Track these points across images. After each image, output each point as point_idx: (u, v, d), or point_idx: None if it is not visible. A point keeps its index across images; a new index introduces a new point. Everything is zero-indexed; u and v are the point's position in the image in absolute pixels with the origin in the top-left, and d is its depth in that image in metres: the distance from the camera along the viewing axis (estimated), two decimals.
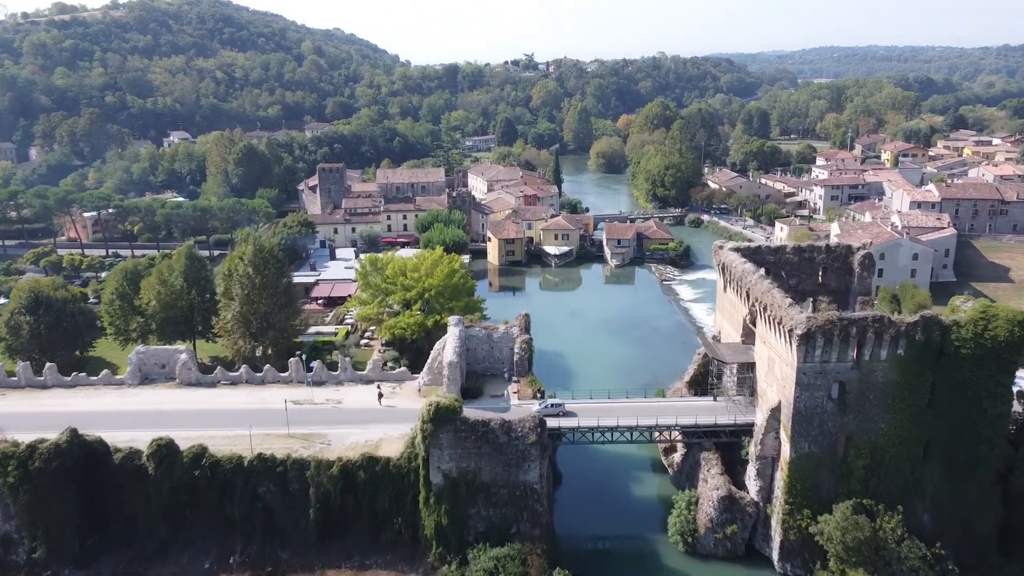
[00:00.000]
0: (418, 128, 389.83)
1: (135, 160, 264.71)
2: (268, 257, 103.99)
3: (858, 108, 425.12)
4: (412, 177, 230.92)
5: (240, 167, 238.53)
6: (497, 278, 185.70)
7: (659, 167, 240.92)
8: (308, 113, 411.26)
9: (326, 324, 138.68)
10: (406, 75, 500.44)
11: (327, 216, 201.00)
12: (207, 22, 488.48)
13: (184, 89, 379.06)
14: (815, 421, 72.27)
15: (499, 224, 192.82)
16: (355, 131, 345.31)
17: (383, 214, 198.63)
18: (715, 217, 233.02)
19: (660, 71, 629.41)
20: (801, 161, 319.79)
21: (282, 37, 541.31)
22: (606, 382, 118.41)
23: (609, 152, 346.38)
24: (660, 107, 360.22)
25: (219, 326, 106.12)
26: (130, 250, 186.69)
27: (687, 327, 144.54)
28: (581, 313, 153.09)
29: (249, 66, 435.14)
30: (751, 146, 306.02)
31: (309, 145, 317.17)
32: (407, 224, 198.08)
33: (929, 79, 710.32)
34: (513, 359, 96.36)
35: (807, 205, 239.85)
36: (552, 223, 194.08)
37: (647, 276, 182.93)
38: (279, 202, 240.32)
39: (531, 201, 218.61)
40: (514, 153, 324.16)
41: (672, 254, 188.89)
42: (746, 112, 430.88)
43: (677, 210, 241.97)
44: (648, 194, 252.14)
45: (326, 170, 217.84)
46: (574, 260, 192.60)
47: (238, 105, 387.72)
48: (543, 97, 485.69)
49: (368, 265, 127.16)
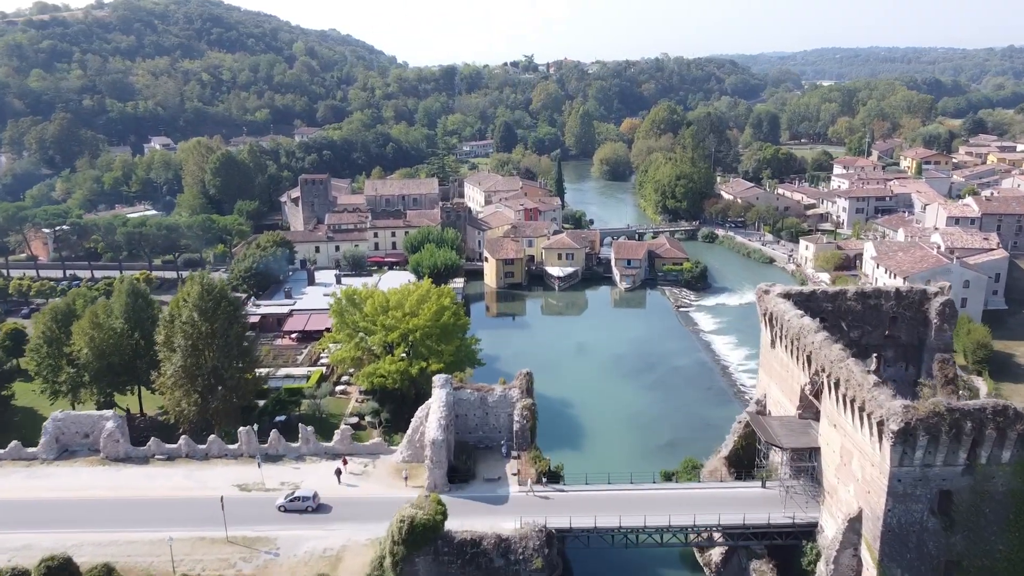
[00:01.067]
0: (413, 133, 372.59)
1: (107, 169, 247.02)
2: (218, 299, 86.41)
3: (871, 112, 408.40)
4: (403, 189, 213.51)
5: (217, 177, 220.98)
6: (495, 303, 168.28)
7: (669, 177, 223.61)
8: (298, 117, 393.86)
9: (298, 364, 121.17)
10: (401, 77, 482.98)
11: (309, 233, 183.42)
12: (195, 22, 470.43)
13: (167, 92, 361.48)
14: (911, 541, 54.74)
15: (497, 243, 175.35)
16: (346, 137, 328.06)
17: (369, 231, 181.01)
18: (731, 232, 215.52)
19: (663, 73, 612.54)
20: (817, 168, 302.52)
21: (273, 38, 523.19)
22: (622, 444, 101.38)
23: (613, 159, 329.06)
24: (667, 111, 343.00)
25: (159, 382, 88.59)
26: (90, 271, 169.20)
27: (711, 367, 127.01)
28: (589, 348, 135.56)
29: (237, 68, 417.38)
30: (764, 153, 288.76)
31: (296, 152, 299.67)
32: (396, 242, 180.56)
33: (937, 81, 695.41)
34: (512, 428, 78.94)
35: (829, 218, 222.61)
36: (555, 241, 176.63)
37: (660, 301, 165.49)
38: (260, 215, 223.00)
39: (532, 215, 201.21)
40: (513, 160, 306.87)
41: (687, 276, 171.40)
42: (755, 116, 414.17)
43: (689, 224, 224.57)
44: (657, 206, 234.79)
45: (309, 182, 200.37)
46: (579, 282, 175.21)
47: (224, 109, 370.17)
48: (543, 100, 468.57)
49: (344, 299, 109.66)
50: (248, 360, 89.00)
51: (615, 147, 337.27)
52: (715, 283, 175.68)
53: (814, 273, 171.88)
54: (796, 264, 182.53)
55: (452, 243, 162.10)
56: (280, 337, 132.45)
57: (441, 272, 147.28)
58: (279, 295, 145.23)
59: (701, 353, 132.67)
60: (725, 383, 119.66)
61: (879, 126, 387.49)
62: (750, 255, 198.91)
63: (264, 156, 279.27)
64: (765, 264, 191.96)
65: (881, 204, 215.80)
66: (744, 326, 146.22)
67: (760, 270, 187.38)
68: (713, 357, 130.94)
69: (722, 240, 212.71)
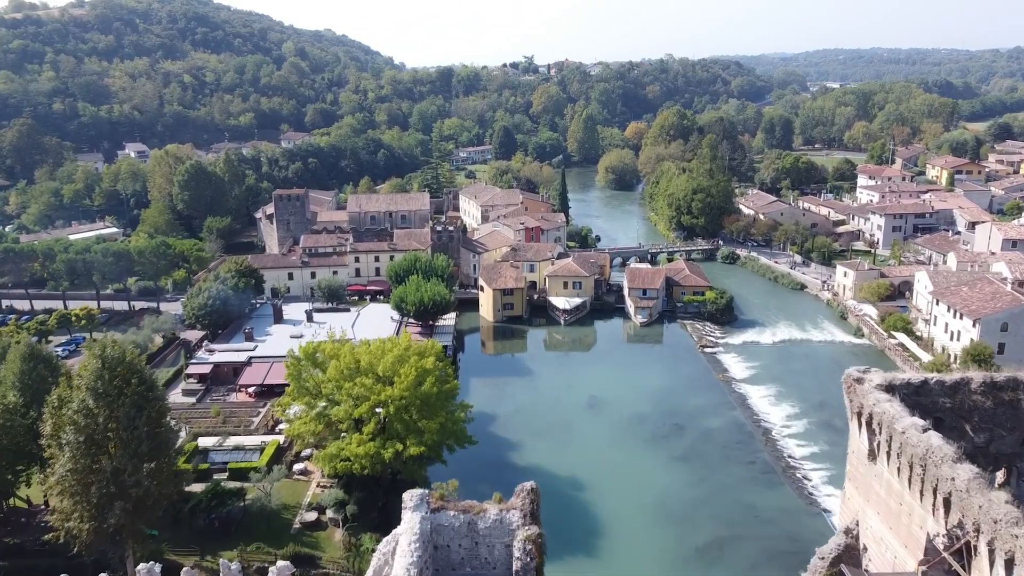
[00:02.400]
0: (406, 138, 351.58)
1: (69, 181, 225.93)
2: (124, 377, 65.28)
3: (890, 116, 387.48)
4: (391, 204, 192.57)
5: (186, 191, 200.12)
6: (492, 339, 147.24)
7: (685, 191, 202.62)
8: (286, 121, 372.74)
9: (252, 431, 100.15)
10: (396, 79, 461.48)
11: (280, 257, 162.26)
12: (179, 21, 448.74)
13: (145, 95, 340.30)
14: None
15: (494, 269, 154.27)
16: (335, 143, 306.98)
17: (350, 255, 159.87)
18: (753, 252, 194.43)
19: (668, 74, 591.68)
20: (839, 178, 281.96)
21: (262, 38, 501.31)
22: (651, 544, 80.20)
23: (619, 167, 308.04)
24: (676, 116, 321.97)
25: (45, 488, 67.56)
26: (28, 301, 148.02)
27: (750, 430, 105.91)
28: (602, 403, 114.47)
29: (222, 69, 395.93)
30: (784, 162, 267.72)
31: (280, 159, 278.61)
32: (380, 268, 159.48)
33: (948, 83, 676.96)
34: (511, 565, 57.83)
35: (862, 236, 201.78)
36: (561, 267, 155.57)
37: (681, 337, 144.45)
38: (232, 233, 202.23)
39: (533, 235, 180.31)
40: (512, 169, 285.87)
41: (711, 308, 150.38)
42: (767, 120, 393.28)
43: (707, 242, 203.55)
44: (671, 222, 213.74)
45: (284, 198, 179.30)
46: (587, 313, 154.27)
47: (206, 113, 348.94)
48: (544, 103, 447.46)
49: (303, 357, 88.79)
50: (163, 463, 67.55)
51: (621, 154, 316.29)
52: (742, 315, 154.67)
53: (856, 305, 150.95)
54: (832, 292, 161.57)
55: (442, 271, 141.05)
56: (236, 391, 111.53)
57: (428, 309, 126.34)
58: (238, 337, 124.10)
59: (736, 411, 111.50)
60: (770, 455, 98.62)
61: (899, 131, 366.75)
62: (777, 280, 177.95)
63: (243, 165, 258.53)
64: (795, 291, 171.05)
65: (920, 222, 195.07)
66: (781, 372, 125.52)
67: (791, 299, 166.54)
68: (751, 416, 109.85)
69: (744, 262, 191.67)
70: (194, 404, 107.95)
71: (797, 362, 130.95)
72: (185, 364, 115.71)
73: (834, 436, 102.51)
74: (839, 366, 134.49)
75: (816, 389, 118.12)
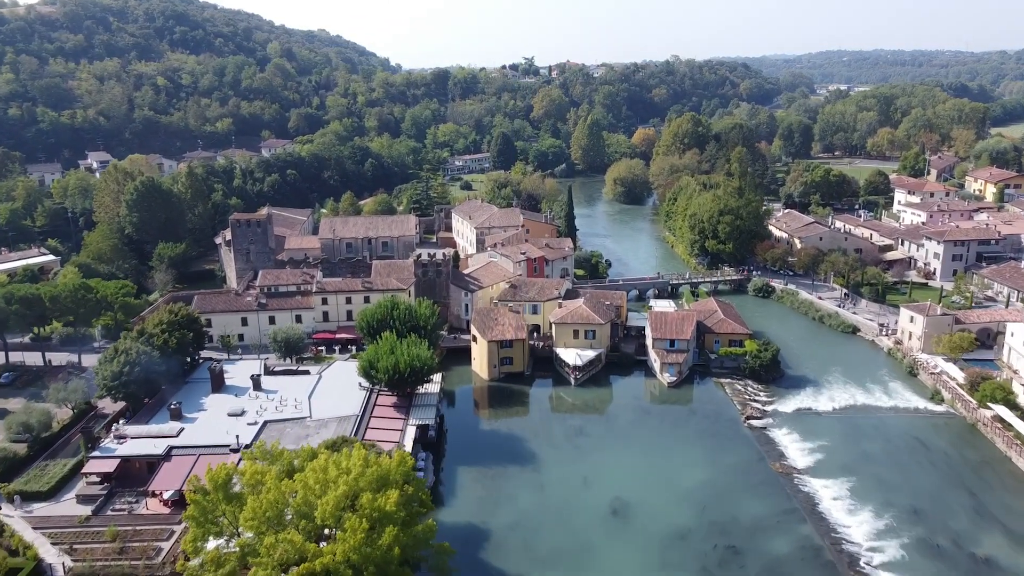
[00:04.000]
0: (397, 146, 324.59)
1: (7, 198, 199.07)
2: None
3: (917, 122, 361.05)
4: (370, 229, 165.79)
5: (135, 213, 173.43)
6: (486, 403, 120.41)
7: (710, 212, 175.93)
8: (267, 127, 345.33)
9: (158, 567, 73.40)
10: (388, 82, 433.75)
11: (232, 299, 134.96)
12: (156, 19, 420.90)
13: (113, 99, 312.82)
14: None
15: (489, 316, 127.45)
16: (317, 152, 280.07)
17: (316, 295, 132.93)
18: (790, 284, 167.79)
19: (674, 77, 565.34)
20: (872, 192, 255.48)
21: (246, 38, 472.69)
22: None
23: (629, 178, 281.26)
24: (690, 122, 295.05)
25: None
26: None
27: (830, 560, 79.03)
28: (628, 509, 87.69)
29: (200, 71, 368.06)
30: (813, 175, 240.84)
31: (256, 171, 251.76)
32: (352, 311, 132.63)
33: (964, 86, 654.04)
34: None
35: (914, 264, 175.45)
36: (570, 312, 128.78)
37: (719, 402, 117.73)
38: (189, 261, 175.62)
39: (537, 266, 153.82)
40: (512, 181, 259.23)
41: (753, 363, 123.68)
42: (784, 127, 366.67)
43: (735, 271, 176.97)
44: (692, 246, 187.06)
45: (242, 223, 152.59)
46: (602, 367, 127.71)
47: (180, 118, 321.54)
48: (546, 107, 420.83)
49: (212, 490, 62.48)
50: None
51: (631, 164, 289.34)
52: (788, 368, 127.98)
53: (928, 359, 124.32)
54: (895, 340, 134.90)
55: (425, 322, 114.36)
56: (147, 496, 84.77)
57: (405, 378, 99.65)
58: (161, 414, 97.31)
59: (807, 525, 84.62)
60: None
61: (928, 139, 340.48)
62: (823, 320, 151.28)
63: (212, 178, 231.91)
64: (845, 334, 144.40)
65: (985, 249, 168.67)
66: (852, 458, 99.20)
67: (842, 345, 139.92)
68: (827, 532, 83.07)
69: (781, 296, 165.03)
70: (88, 518, 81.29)
71: (869, 440, 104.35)
72: (85, 457, 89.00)
73: (944, 568, 76.03)
74: (924, 448, 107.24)
75: (903, 486, 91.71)
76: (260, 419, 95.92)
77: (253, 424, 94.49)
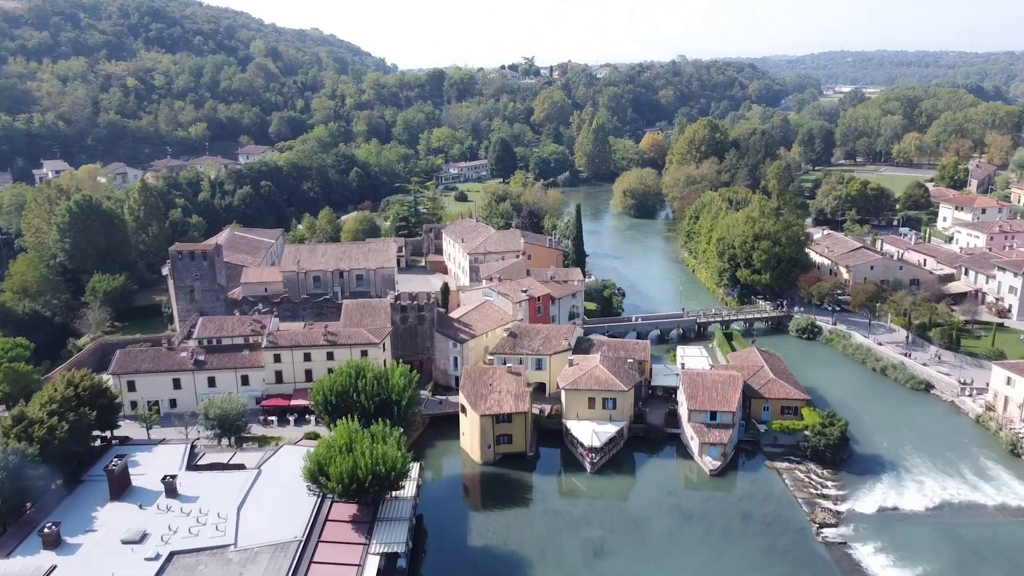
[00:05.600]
0: (387, 153, 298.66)
1: None
2: None
3: (947, 127, 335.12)
4: (342, 260, 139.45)
5: (67, 238, 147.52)
6: (478, 499, 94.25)
7: (743, 237, 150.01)
8: (246, 132, 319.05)
9: None
10: (379, 83, 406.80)
11: (162, 355, 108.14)
12: (131, 16, 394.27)
13: (76, 102, 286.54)
14: None
15: (483, 380, 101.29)
16: (296, 160, 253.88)
17: (267, 351, 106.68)
18: (839, 323, 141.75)
19: (681, 77, 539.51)
20: (912, 207, 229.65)
21: (228, 36, 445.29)
22: None
23: (640, 190, 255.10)
24: (707, 128, 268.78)
25: None
26: None
27: None
28: None
29: (175, 71, 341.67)
30: (849, 188, 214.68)
31: (226, 182, 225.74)
32: (313, 369, 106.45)
33: (979, 87, 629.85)
34: None
35: (982, 298, 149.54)
36: (584, 375, 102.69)
37: (778, 500, 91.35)
38: (130, 295, 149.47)
39: (541, 305, 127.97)
40: (512, 194, 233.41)
41: (817, 442, 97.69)
42: (804, 132, 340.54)
43: (772, 305, 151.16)
44: (721, 275, 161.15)
45: (184, 256, 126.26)
46: (625, 444, 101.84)
47: (149, 123, 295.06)
48: (547, 110, 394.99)
49: None
50: None
51: (642, 175, 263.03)
52: (856, 443, 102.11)
53: None
54: (985, 406, 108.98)
55: (400, 394, 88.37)
56: None
57: (366, 487, 73.65)
58: (31, 541, 71.21)
59: None
60: None
61: (960, 145, 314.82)
62: (884, 371, 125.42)
63: (174, 192, 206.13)
64: (916, 392, 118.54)
65: None
66: None
67: (916, 408, 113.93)
68: None
69: (830, 338, 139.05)
70: None
71: (984, 563, 78.46)
72: None
73: None
74: None
75: None
76: (165, 548, 69.95)
77: (154, 559, 68.45)
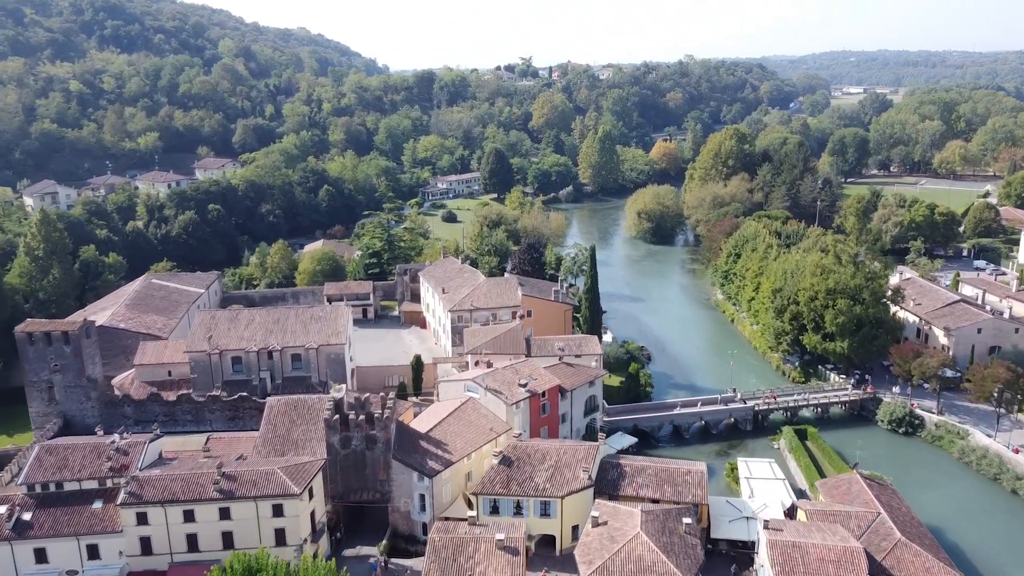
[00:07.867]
0: (364, 166, 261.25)
1: None
2: None
3: (996, 134, 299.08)
4: (272, 334, 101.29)
5: None
6: None
7: (811, 290, 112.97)
8: (206, 142, 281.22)
9: None
10: (361, 86, 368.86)
11: None
12: (84, 12, 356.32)
13: (6, 108, 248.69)
14: None
15: (458, 560, 63.89)
16: (255, 178, 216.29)
17: (128, 507, 69.05)
18: (946, 414, 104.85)
19: (689, 79, 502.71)
20: (982, 233, 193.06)
21: (195, 34, 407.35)
22: None
23: (657, 212, 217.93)
24: (733, 138, 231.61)
25: None
26: None
27: None
28: None
29: (128, 73, 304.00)
30: (914, 214, 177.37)
31: (166, 206, 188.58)
32: (198, 533, 68.90)
33: (1001, 88, 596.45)
34: None
35: None
36: (620, 558, 65.25)
37: None
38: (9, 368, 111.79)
39: (548, 403, 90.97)
40: (507, 218, 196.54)
41: None
42: (836, 140, 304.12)
43: (851, 384, 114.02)
44: (779, 339, 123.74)
45: (36, 340, 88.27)
46: None
47: (91, 133, 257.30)
48: (547, 115, 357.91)
49: None
50: None
51: (659, 193, 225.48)
52: None
53: None
54: None
55: None
56: None
57: None
58: None
59: None
60: None
61: (1012, 154, 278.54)
62: (1017, 491, 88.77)
63: (95, 222, 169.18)
64: None
65: None
66: None
67: None
68: None
69: (938, 435, 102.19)
70: None
71: None
72: None
73: None
74: None
75: None
76: None
77: None
